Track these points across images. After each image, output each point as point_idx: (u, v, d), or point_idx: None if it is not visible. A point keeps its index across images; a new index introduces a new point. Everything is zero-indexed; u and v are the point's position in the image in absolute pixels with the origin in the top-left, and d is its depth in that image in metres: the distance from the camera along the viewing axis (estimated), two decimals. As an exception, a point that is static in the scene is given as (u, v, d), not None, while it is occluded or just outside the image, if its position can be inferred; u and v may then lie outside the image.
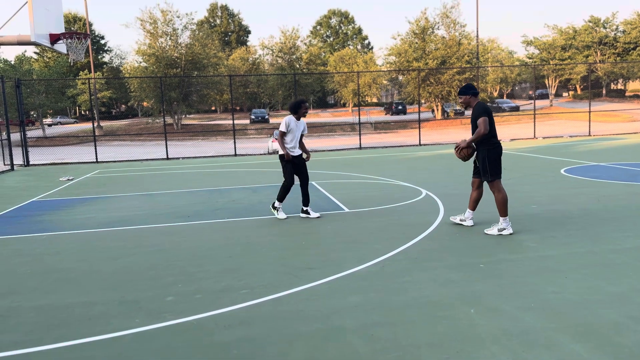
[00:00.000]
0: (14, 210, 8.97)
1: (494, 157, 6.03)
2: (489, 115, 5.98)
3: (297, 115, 7.33)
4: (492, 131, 6.03)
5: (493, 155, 6.03)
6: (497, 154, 6.04)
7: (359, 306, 4.07)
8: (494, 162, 6.03)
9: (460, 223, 6.62)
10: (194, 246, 6.13)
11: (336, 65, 58.07)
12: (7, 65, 37.75)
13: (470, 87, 6.18)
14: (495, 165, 6.03)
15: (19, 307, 4.32)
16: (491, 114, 6.03)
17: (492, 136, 6.04)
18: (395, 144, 22.65)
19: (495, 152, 6.03)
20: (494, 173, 6.04)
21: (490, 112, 6.02)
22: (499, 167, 6.06)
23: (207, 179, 12.39)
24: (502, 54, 63.23)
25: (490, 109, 6.08)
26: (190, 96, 40.53)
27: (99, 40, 65.02)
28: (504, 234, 6.05)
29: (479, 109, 6.01)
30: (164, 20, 38.64)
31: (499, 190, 6.06)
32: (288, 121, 7.26)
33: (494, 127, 6.08)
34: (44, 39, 8.34)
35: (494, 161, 6.02)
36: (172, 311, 4.10)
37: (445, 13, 40.46)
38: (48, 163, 18.26)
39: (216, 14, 79.23)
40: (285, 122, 7.25)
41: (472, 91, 6.13)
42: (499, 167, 6.06)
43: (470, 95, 6.13)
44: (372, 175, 11.87)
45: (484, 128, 5.89)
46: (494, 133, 6.06)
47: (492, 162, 6.02)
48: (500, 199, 6.03)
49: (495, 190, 6.08)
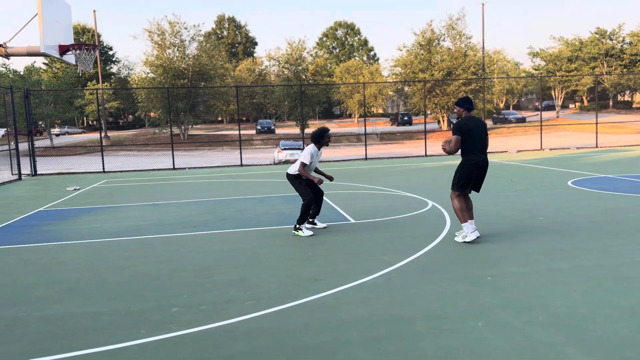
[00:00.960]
0: (21, 220, 9.01)
1: (466, 171, 6.21)
2: (466, 132, 6.13)
3: (319, 145, 7.21)
4: (471, 147, 6.16)
5: (466, 170, 6.21)
6: (469, 170, 6.19)
7: (366, 318, 4.04)
8: (464, 176, 6.22)
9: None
10: (200, 257, 6.12)
11: (342, 76, 58.26)
12: (16, 75, 38.16)
13: (466, 101, 6.35)
14: (462, 179, 6.22)
15: (25, 317, 4.32)
16: (472, 130, 6.14)
17: (470, 151, 6.18)
18: (401, 154, 22.64)
19: (468, 167, 6.20)
20: (457, 184, 6.26)
21: (468, 129, 6.14)
22: (465, 182, 6.23)
23: (213, 189, 12.41)
24: (508, 66, 63.29)
25: (471, 125, 6.19)
26: (197, 107, 40.76)
27: (107, 51, 65.67)
28: (467, 240, 6.19)
29: (456, 125, 6.21)
30: (171, 31, 39.01)
31: (456, 198, 6.28)
32: (312, 152, 7.10)
33: (478, 143, 6.18)
34: (54, 50, 8.43)
35: (465, 174, 6.21)
36: (177, 322, 4.08)
37: (451, 25, 40.60)
38: (55, 173, 18.36)
39: (223, 25, 79.92)
40: (310, 153, 7.07)
41: (466, 105, 6.32)
42: (465, 182, 6.23)
43: (463, 108, 6.33)
44: (378, 186, 11.85)
45: (453, 148, 6.14)
46: (474, 149, 6.17)
47: (463, 174, 6.22)
48: (455, 207, 6.28)
49: (453, 199, 6.32)
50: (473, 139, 6.15)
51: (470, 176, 6.19)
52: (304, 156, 7.08)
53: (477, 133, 6.16)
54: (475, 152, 6.16)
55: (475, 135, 6.15)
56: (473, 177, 6.21)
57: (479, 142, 6.18)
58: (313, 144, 7.20)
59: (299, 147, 21.02)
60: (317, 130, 7.25)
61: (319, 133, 7.18)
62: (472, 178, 6.21)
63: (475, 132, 6.15)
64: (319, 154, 7.27)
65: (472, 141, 6.15)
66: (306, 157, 7.06)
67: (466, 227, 6.22)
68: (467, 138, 6.14)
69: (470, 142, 6.15)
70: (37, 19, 8.34)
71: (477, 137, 6.17)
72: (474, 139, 6.15)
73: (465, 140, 6.14)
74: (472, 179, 6.22)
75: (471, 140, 6.15)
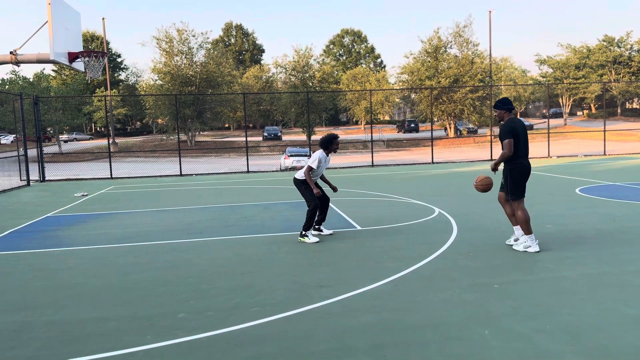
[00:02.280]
0: (30, 226, 9.07)
1: (516, 177, 5.97)
2: (515, 136, 5.90)
3: (327, 151, 7.19)
4: (518, 151, 5.94)
5: (516, 175, 5.97)
6: (519, 174, 5.96)
7: (371, 326, 4.02)
8: (517, 181, 5.98)
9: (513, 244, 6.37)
10: (206, 263, 6.13)
11: (349, 83, 58.43)
12: (25, 82, 38.55)
13: (505, 102, 6.10)
14: (517, 185, 5.99)
15: (33, 322, 4.35)
16: (519, 133, 5.92)
17: (517, 156, 5.95)
18: (407, 161, 22.61)
19: (517, 171, 5.96)
20: (514, 192, 6.01)
21: (517, 132, 5.91)
22: (520, 187, 6.00)
23: (220, 196, 12.44)
24: (515, 73, 63.20)
25: (518, 127, 5.96)
26: (204, 113, 40.97)
27: (115, 58, 66.24)
28: (529, 251, 6.04)
29: (505, 128, 5.93)
30: (179, 39, 39.30)
31: (521, 210, 6.02)
32: (320, 158, 7.09)
33: (523, 146, 5.97)
34: (63, 57, 8.51)
35: (516, 180, 5.98)
36: (183, 328, 4.09)
37: (458, 32, 40.64)
38: (63, 179, 18.49)
39: (231, 33, 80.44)
40: (318, 159, 7.06)
41: (507, 107, 6.07)
42: (520, 187, 6.00)
43: (504, 110, 6.07)
44: (384, 193, 11.83)
45: (508, 150, 5.87)
46: (520, 153, 5.96)
47: (515, 181, 5.98)
48: (521, 218, 6.02)
49: (517, 209, 6.05)
50: (520, 142, 5.93)
51: (523, 179, 5.98)
52: (312, 161, 7.08)
53: (523, 135, 5.96)
54: (523, 156, 5.97)
55: (522, 137, 5.95)
56: (524, 180, 6.00)
57: (524, 146, 6.00)
58: (322, 150, 7.19)
59: (306, 154, 21.05)
60: (326, 136, 7.24)
61: (328, 139, 7.17)
62: (524, 181, 6.00)
63: (522, 135, 5.95)
64: (327, 160, 7.26)
65: (519, 144, 5.92)
66: (314, 162, 7.06)
67: (530, 238, 6.06)
68: (516, 141, 5.91)
69: (517, 145, 5.91)
70: (47, 26, 8.44)
71: (523, 140, 5.97)
72: (521, 141, 5.94)
73: (514, 144, 5.90)
74: (524, 182, 6.01)
75: (519, 144, 5.92)
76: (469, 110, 39.01)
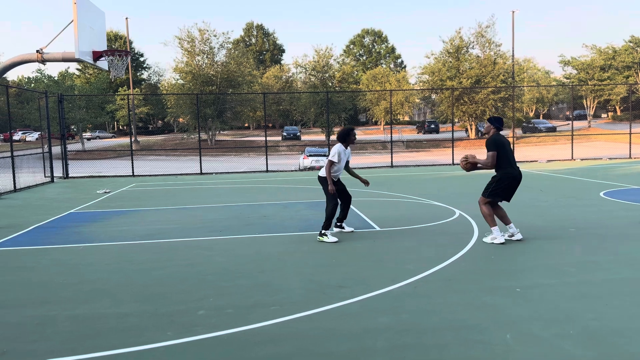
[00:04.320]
0: (53, 221, 9.24)
1: (502, 184, 6.58)
2: (500, 149, 6.54)
3: (345, 144, 7.23)
4: (504, 162, 6.57)
5: (502, 183, 6.59)
6: (507, 182, 6.58)
7: (390, 327, 4.00)
8: (500, 187, 6.59)
9: (509, 239, 6.77)
10: (226, 261, 6.17)
11: (368, 83, 58.24)
12: (50, 80, 39.33)
13: (498, 121, 6.73)
14: (498, 190, 6.60)
15: (56, 316, 4.42)
16: (503, 147, 6.57)
17: (506, 165, 6.59)
18: (427, 162, 22.44)
19: (506, 180, 6.58)
20: (495, 194, 6.62)
21: (502, 146, 6.56)
22: (499, 193, 6.61)
23: (239, 194, 12.51)
24: (538, 74, 62.22)
25: (504, 141, 6.62)
26: (224, 113, 41.27)
27: (138, 57, 67.15)
28: (495, 242, 6.58)
29: (491, 141, 6.60)
30: (201, 39, 39.66)
31: (485, 205, 6.68)
32: (339, 151, 7.12)
33: (508, 157, 6.59)
34: (88, 56, 8.65)
35: (500, 187, 6.59)
36: (203, 325, 4.12)
37: (480, 32, 40.18)
38: (86, 176, 18.81)
39: (252, 33, 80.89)
40: (337, 152, 7.08)
41: (497, 125, 6.70)
42: (499, 193, 6.61)
43: (494, 127, 6.70)
44: (403, 194, 11.76)
45: (490, 162, 6.56)
46: (506, 163, 6.58)
47: (499, 187, 6.60)
48: (485, 213, 6.67)
49: (482, 204, 6.71)
50: (507, 154, 6.60)
51: (507, 188, 6.60)
52: (332, 155, 7.08)
53: (508, 148, 6.64)
54: (511, 166, 6.60)
55: (507, 149, 6.62)
56: (508, 189, 6.61)
57: (511, 156, 6.66)
58: (340, 143, 7.21)
59: (324, 154, 21.02)
60: (342, 129, 7.33)
61: (345, 132, 7.28)
62: (507, 189, 6.61)
63: (507, 147, 6.63)
64: (347, 152, 7.29)
65: (507, 155, 6.60)
66: (334, 156, 7.07)
67: (495, 230, 6.62)
68: (502, 153, 6.57)
69: (505, 156, 6.58)
70: (72, 25, 8.58)
71: (509, 152, 6.64)
72: (508, 153, 6.61)
73: (500, 155, 6.56)
74: (507, 191, 6.62)
75: (505, 155, 6.59)
76: (490, 111, 38.54)
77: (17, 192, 13.94)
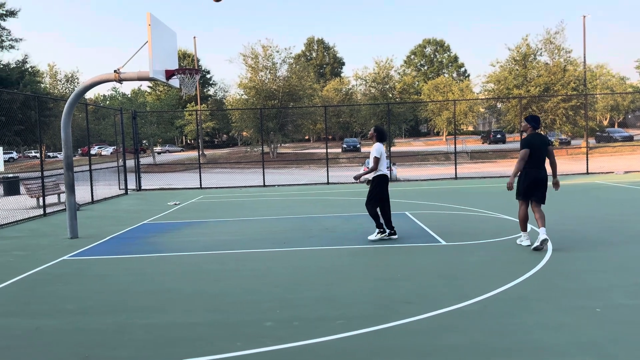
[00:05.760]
0: (128, 232, 9.72)
1: (522, 184, 7.02)
2: (530, 148, 6.89)
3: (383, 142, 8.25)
4: (529, 162, 6.91)
5: (522, 182, 7.03)
6: (525, 182, 6.97)
7: (460, 347, 3.87)
8: (524, 186, 7.01)
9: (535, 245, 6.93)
10: (290, 272, 6.23)
11: (430, 93, 57.40)
12: (124, 98, 41.72)
13: (535, 120, 7.09)
14: (519, 189, 7.06)
15: (132, 324, 4.63)
16: (533, 147, 6.89)
17: (531, 165, 6.93)
18: (494, 174, 21.72)
19: (524, 179, 6.99)
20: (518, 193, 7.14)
21: (532, 146, 6.89)
22: (521, 191, 7.05)
23: (301, 206, 12.64)
24: (612, 80, 58.88)
25: (536, 142, 6.93)
26: (286, 126, 42.01)
27: (204, 74, 69.82)
28: (522, 245, 7.17)
29: (523, 140, 7.05)
30: (264, 55, 40.69)
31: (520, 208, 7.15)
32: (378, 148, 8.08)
33: (534, 158, 6.90)
34: (161, 74, 9.08)
35: (524, 185, 7.01)
36: (270, 337, 4.17)
37: (549, 39, 38.62)
38: (157, 188, 19.68)
39: (312, 47, 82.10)
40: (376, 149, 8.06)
41: (534, 124, 7.05)
42: (521, 191, 7.05)
43: (530, 126, 7.05)
44: (469, 207, 11.43)
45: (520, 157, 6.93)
46: (532, 163, 6.90)
47: (522, 185, 7.03)
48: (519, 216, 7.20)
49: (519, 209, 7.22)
50: (535, 154, 6.91)
51: (526, 188, 6.97)
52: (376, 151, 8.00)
53: (538, 149, 6.93)
54: (535, 167, 6.92)
55: (537, 151, 6.92)
56: (527, 189, 6.97)
57: (538, 158, 6.93)
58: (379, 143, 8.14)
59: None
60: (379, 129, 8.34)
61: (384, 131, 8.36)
62: (526, 189, 6.97)
63: (538, 147, 6.92)
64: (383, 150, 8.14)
65: (533, 156, 6.91)
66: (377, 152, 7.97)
67: (523, 236, 7.25)
68: (531, 153, 6.91)
69: (531, 156, 6.91)
70: (147, 46, 9.05)
71: (537, 153, 6.93)
72: (536, 153, 6.92)
73: (529, 154, 6.90)
74: (526, 190, 6.98)
75: (533, 155, 6.91)
76: (561, 120, 36.83)
77: (94, 204, 14.80)
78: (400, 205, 12.17)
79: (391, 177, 20.03)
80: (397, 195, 14.34)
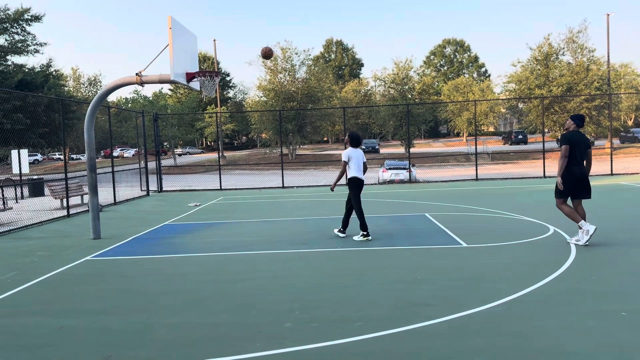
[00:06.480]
0: (149, 233, 9.83)
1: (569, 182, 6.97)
2: (570, 145, 6.91)
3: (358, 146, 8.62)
4: (572, 159, 6.93)
5: (569, 182, 6.97)
6: (572, 181, 6.96)
7: (483, 350, 3.81)
8: (569, 186, 6.98)
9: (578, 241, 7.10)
10: (310, 274, 6.22)
11: (450, 94, 56.91)
12: (146, 101, 42.30)
13: (579, 118, 7.12)
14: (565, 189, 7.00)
15: (153, 324, 4.67)
16: (573, 143, 6.91)
17: (574, 163, 6.95)
18: (515, 175, 21.43)
19: (566, 178, 6.98)
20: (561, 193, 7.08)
21: (572, 142, 6.92)
22: (567, 191, 7.02)
23: (320, 208, 12.63)
24: (637, 80, 57.60)
25: (576, 139, 6.95)
26: (304, 127, 42.09)
27: (224, 77, 70.39)
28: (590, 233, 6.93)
29: (563, 137, 7.08)
30: (283, 57, 40.86)
31: (561, 207, 7.16)
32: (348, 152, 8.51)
33: (575, 156, 6.93)
34: (181, 77, 9.16)
35: (569, 186, 6.98)
36: (290, 338, 4.16)
37: (572, 38, 38.00)
38: (178, 189, 19.89)
39: (331, 49, 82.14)
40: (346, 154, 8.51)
41: (577, 121, 7.09)
42: (567, 191, 7.02)
43: (574, 123, 7.11)
44: (491, 209, 11.28)
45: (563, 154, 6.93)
46: (575, 161, 6.94)
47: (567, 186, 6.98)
48: (566, 213, 7.15)
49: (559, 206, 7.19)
50: (576, 151, 6.93)
51: (572, 186, 6.97)
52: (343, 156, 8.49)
53: (579, 147, 6.94)
54: (576, 164, 6.95)
55: (577, 148, 6.94)
56: (572, 187, 6.98)
57: (578, 155, 6.96)
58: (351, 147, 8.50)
59: (404, 167, 20.71)
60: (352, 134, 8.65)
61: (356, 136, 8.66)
62: (572, 188, 6.98)
63: (577, 146, 6.94)
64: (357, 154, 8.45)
65: (575, 153, 6.93)
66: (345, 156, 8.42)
67: (583, 224, 6.97)
68: (571, 149, 6.92)
69: (573, 153, 6.93)
70: (168, 49, 9.15)
71: (578, 151, 6.95)
72: (576, 152, 6.94)
73: (570, 151, 6.92)
74: (572, 189, 7.00)
75: (574, 152, 6.93)
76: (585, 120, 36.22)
77: (116, 205, 15.02)
78: (420, 207, 12.08)
79: (410, 178, 19.90)
80: (416, 197, 14.24)
